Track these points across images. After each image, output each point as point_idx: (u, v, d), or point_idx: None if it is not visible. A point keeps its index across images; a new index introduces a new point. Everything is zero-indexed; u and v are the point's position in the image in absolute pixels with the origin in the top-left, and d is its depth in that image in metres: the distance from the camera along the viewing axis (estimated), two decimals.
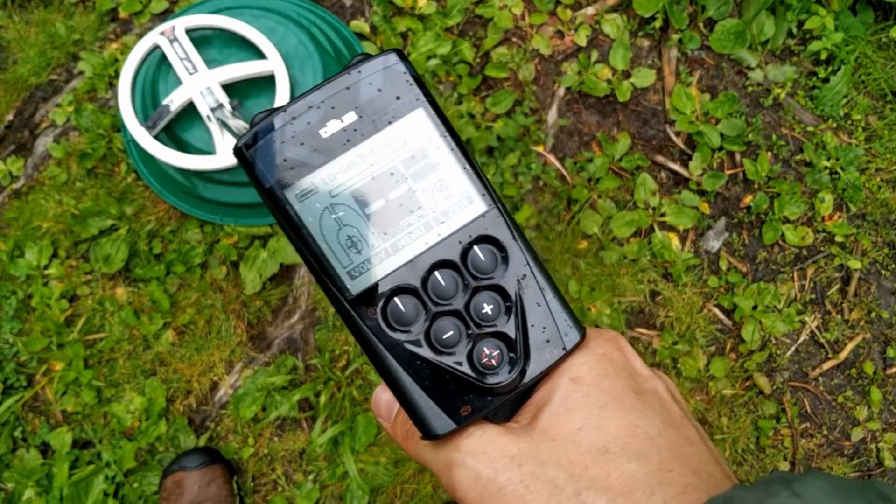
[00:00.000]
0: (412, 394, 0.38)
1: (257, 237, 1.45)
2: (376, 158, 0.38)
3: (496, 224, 0.39)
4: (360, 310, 0.38)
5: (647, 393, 0.38)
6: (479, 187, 0.39)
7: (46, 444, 1.39)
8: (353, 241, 0.38)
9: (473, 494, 0.35)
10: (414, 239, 0.38)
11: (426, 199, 0.38)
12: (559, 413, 0.36)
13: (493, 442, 0.36)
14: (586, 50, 1.57)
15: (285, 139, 0.37)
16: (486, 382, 0.38)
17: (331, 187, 0.38)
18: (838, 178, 1.52)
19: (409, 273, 0.38)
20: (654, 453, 0.34)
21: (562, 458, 0.35)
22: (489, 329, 0.38)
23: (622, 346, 0.40)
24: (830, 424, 1.46)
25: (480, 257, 0.38)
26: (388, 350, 0.38)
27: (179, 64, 1.32)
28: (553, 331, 0.39)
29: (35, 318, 1.43)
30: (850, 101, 1.56)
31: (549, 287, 0.39)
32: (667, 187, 1.53)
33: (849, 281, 1.51)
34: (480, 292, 0.38)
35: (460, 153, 0.39)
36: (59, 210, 1.46)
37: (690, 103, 1.53)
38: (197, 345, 1.43)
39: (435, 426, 0.37)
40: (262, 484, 1.40)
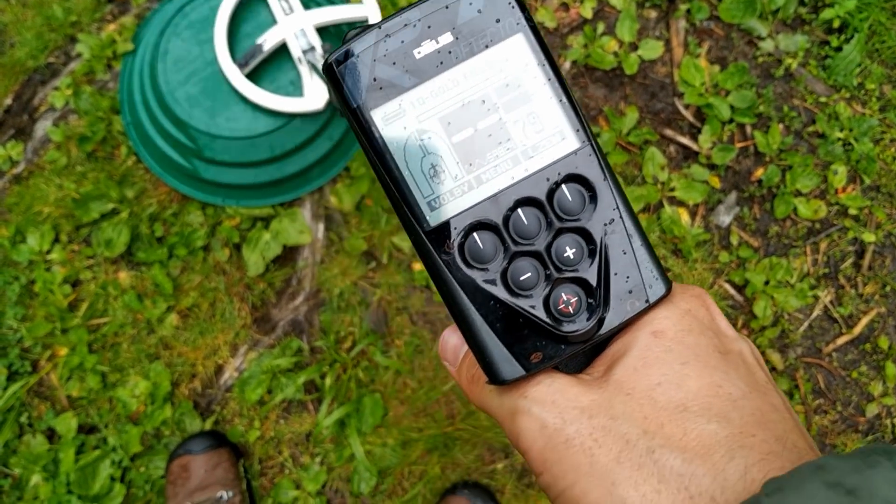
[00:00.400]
0: (482, 335, 0.36)
1: (259, 219, 1.43)
2: (469, 84, 0.36)
3: (588, 163, 0.37)
4: (437, 243, 0.36)
5: (733, 354, 0.36)
6: (574, 122, 0.37)
7: (52, 430, 1.39)
8: (437, 170, 0.36)
9: (538, 445, 0.33)
10: (500, 173, 0.36)
11: (516, 131, 0.36)
12: (637, 367, 0.34)
13: (564, 391, 0.34)
14: (592, 22, 1.53)
15: (377, 57, 0.35)
16: (561, 329, 0.36)
17: (419, 111, 0.36)
18: (852, 149, 1.49)
19: (492, 208, 0.36)
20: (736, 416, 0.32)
21: (636, 413, 0.32)
22: (569, 274, 0.36)
23: (708, 303, 0.38)
24: (844, 400, 1.44)
25: (568, 197, 0.36)
26: (462, 287, 0.36)
27: (276, 4, 1.31)
28: (637, 281, 0.37)
29: (38, 303, 1.41)
30: (864, 71, 1.52)
31: (638, 234, 0.37)
32: (676, 161, 1.50)
33: (863, 254, 1.47)
34: (564, 234, 0.36)
35: (558, 84, 0.36)
36: (59, 194, 1.45)
37: (699, 75, 1.49)
38: (201, 328, 1.41)
39: (503, 371, 0.35)
40: (269, 467, 1.39)
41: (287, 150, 1.37)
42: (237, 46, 1.36)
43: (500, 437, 1.39)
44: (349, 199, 1.43)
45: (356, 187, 1.44)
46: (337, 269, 1.43)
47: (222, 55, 1.31)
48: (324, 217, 1.45)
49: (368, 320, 1.42)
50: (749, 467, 0.30)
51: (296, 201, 1.45)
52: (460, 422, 1.39)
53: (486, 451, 1.39)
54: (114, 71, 1.51)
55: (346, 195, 1.43)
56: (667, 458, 0.31)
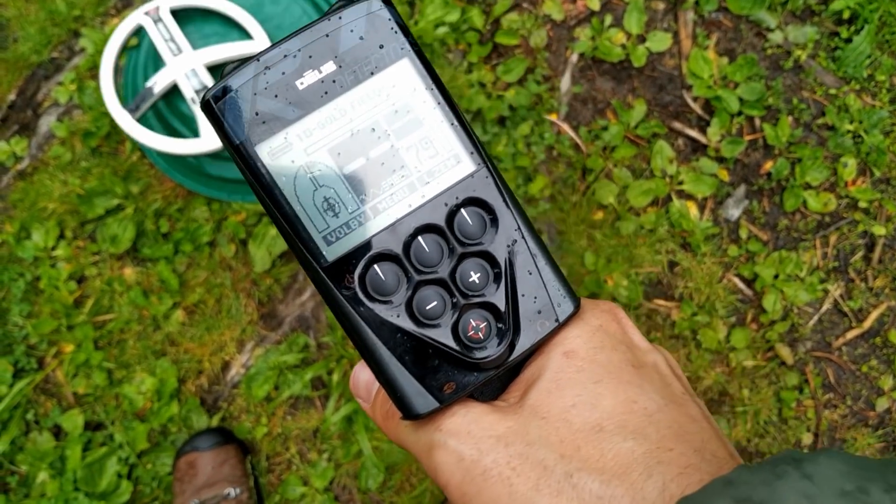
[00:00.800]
0: (391, 370, 0.35)
1: (265, 214, 1.42)
2: (356, 113, 0.35)
3: (485, 185, 0.36)
4: (337, 278, 0.35)
5: (647, 367, 0.35)
6: (468, 145, 0.36)
7: (59, 427, 1.38)
8: (330, 203, 0.35)
9: (455, 479, 0.33)
10: (396, 201, 0.35)
11: (410, 158, 0.35)
12: (550, 389, 0.34)
13: (479, 421, 0.34)
14: (600, 14, 1.52)
15: (258, 91, 0.34)
16: (473, 357, 0.35)
17: (306, 144, 0.34)
18: (861, 141, 1.47)
19: (391, 238, 0.35)
20: (652, 431, 0.32)
21: (552, 437, 0.32)
22: (476, 299, 0.36)
23: (619, 317, 0.37)
24: (854, 395, 1.43)
25: (468, 221, 0.36)
26: (367, 322, 0.35)
27: (163, 45, 1.29)
28: (545, 301, 0.36)
29: (44, 300, 1.41)
30: (874, 62, 1.51)
31: (542, 253, 0.36)
32: (684, 154, 1.48)
33: (873, 247, 1.46)
34: (467, 259, 0.36)
35: (448, 107, 0.36)
36: (64, 190, 1.44)
37: (708, 67, 1.48)
38: (207, 324, 1.41)
39: (416, 405, 0.35)
40: (277, 463, 1.38)
41: None
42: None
43: None
44: None
45: None
46: None
47: (110, 101, 1.29)
48: None
49: None
50: (667, 483, 0.29)
51: None
52: None
53: None
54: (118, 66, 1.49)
55: None
56: (585, 481, 0.30)
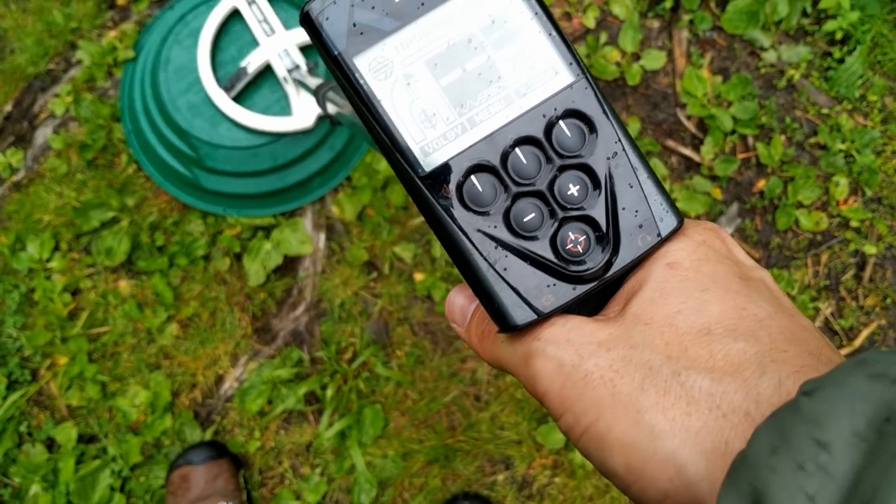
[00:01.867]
0: (489, 281, 0.34)
1: (260, 228, 1.42)
2: (453, 24, 0.34)
3: (584, 96, 0.35)
4: (434, 189, 0.34)
5: (754, 280, 0.34)
6: (566, 56, 0.35)
7: (52, 439, 1.38)
8: (427, 114, 0.34)
9: (555, 386, 0.32)
10: (493, 113, 0.35)
11: (507, 69, 0.35)
12: (654, 298, 0.33)
13: (579, 329, 0.33)
14: (595, 32, 1.53)
15: (355, 2, 0.34)
16: (572, 270, 0.34)
17: (404, 56, 0.34)
18: (853, 161, 1.49)
19: (488, 149, 0.35)
20: (764, 334, 0.30)
21: (657, 340, 0.31)
22: (575, 212, 0.35)
23: (723, 235, 0.36)
24: None
25: (567, 133, 0.35)
26: (465, 233, 0.34)
27: (257, 26, 1.33)
28: (647, 215, 0.35)
29: (38, 312, 1.41)
30: (866, 83, 1.52)
31: (643, 167, 0.35)
32: (678, 172, 1.49)
33: (864, 266, 1.48)
34: (566, 172, 0.35)
35: (545, 17, 0.35)
36: (59, 202, 1.44)
37: (702, 86, 1.49)
38: (201, 338, 1.41)
39: (514, 316, 0.34)
40: (270, 477, 1.38)
41: (289, 160, 1.36)
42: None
43: (501, 448, 1.39)
44: (351, 209, 1.43)
45: (358, 197, 1.43)
46: (338, 279, 1.43)
47: (207, 80, 1.31)
48: (325, 227, 1.45)
49: (370, 331, 1.42)
50: (783, 380, 0.28)
51: (297, 211, 1.44)
52: (461, 433, 1.39)
53: (487, 462, 1.39)
54: (114, 78, 1.50)
55: (348, 205, 1.43)
56: (694, 379, 0.29)
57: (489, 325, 0.37)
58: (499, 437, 1.39)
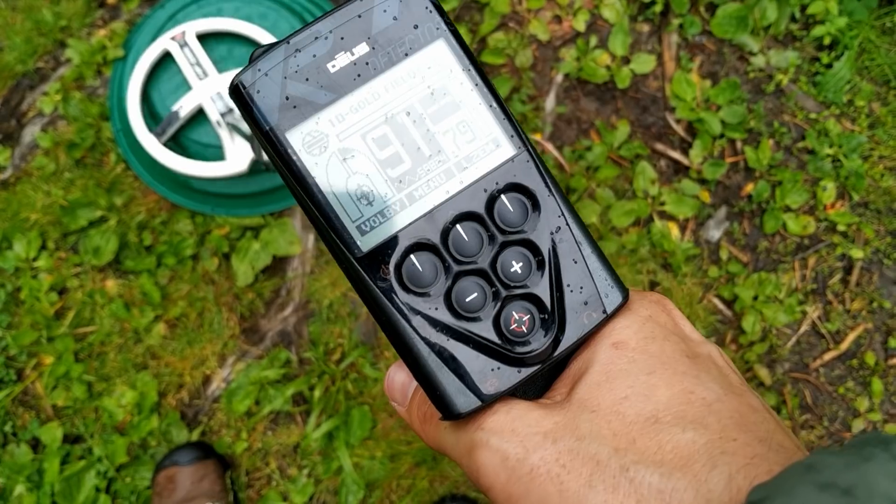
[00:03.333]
0: (430, 367, 0.33)
1: (249, 228, 1.42)
2: (391, 96, 0.34)
3: (526, 170, 0.34)
4: (372, 270, 0.33)
5: (701, 358, 0.33)
6: (507, 128, 0.34)
7: (37, 439, 1.37)
8: (364, 190, 0.33)
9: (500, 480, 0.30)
10: (433, 188, 0.34)
11: (447, 142, 0.34)
12: (600, 382, 0.32)
13: (523, 418, 0.31)
14: (585, 35, 1.54)
15: (288, 74, 0.33)
16: (516, 352, 0.33)
17: (339, 129, 0.33)
18: (841, 165, 1.50)
19: (428, 227, 0.34)
20: (713, 421, 0.29)
21: (604, 430, 0.30)
22: (519, 290, 0.34)
23: (669, 308, 0.35)
24: (831, 416, 1.45)
25: (509, 208, 0.34)
26: (403, 316, 0.33)
27: (189, 69, 1.31)
28: (592, 291, 0.34)
29: (24, 311, 1.40)
30: (854, 88, 1.53)
31: (587, 241, 0.35)
32: (666, 176, 1.50)
33: (851, 270, 1.48)
34: (509, 248, 0.34)
35: (486, 89, 0.34)
36: (47, 201, 1.43)
37: (691, 90, 1.50)
38: (189, 338, 1.40)
39: (456, 404, 0.33)
40: (256, 478, 1.38)
41: None
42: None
43: None
44: None
45: None
46: (326, 279, 1.43)
47: (138, 127, 1.30)
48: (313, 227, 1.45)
49: (358, 332, 1.41)
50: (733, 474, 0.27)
51: (286, 211, 1.44)
52: None
53: None
54: (104, 77, 1.49)
55: None
56: (643, 474, 0.28)
57: (431, 408, 0.35)
58: None
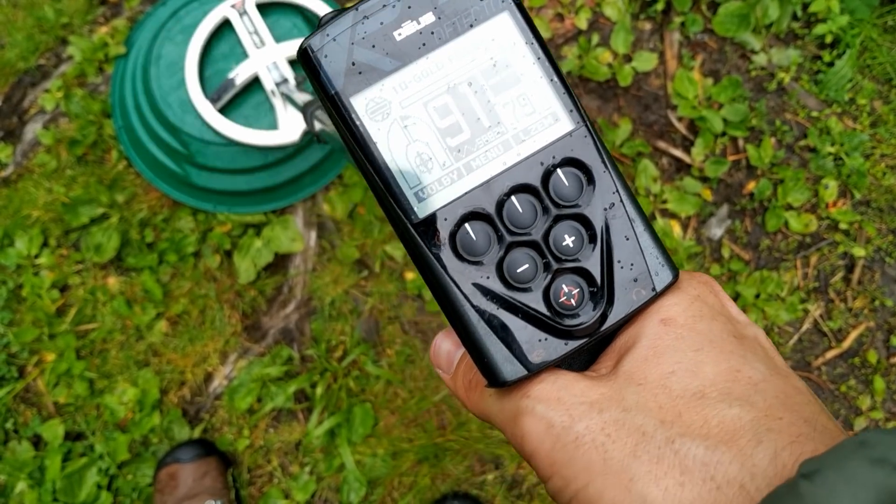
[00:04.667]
0: (479, 334, 0.33)
1: (251, 225, 1.42)
2: (454, 66, 0.34)
3: (584, 145, 0.35)
4: (426, 236, 0.34)
5: (748, 338, 0.33)
6: (567, 102, 0.35)
7: (38, 436, 1.37)
8: (423, 158, 0.34)
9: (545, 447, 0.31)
10: (491, 158, 0.34)
11: (506, 115, 0.34)
12: (647, 357, 0.32)
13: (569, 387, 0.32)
14: (587, 33, 1.54)
15: (355, 41, 0.33)
16: (564, 324, 0.34)
17: (402, 97, 0.34)
18: (843, 164, 1.50)
19: (484, 196, 0.34)
20: (759, 399, 0.30)
21: (650, 403, 0.30)
22: (570, 264, 0.34)
23: (717, 289, 0.36)
24: (833, 414, 1.45)
25: (564, 182, 0.34)
26: (455, 283, 0.34)
27: (247, 37, 1.32)
28: (642, 269, 0.34)
29: (26, 308, 1.40)
30: (856, 86, 1.54)
31: (640, 219, 0.35)
32: (668, 174, 1.50)
33: (853, 269, 1.48)
34: (562, 222, 0.34)
35: (548, 63, 0.35)
36: (48, 198, 1.43)
37: (693, 88, 1.50)
38: (190, 335, 1.40)
39: (503, 371, 0.33)
40: (258, 476, 1.38)
41: (280, 158, 1.36)
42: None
43: (491, 447, 1.38)
44: (342, 207, 1.43)
45: (349, 195, 1.43)
46: (329, 277, 1.42)
47: (194, 91, 1.30)
48: (316, 225, 1.45)
49: (360, 329, 1.41)
50: (779, 451, 0.27)
51: (288, 209, 1.44)
52: (451, 432, 1.38)
53: (477, 461, 1.39)
54: (105, 74, 1.49)
55: (339, 203, 1.43)
56: (688, 447, 0.28)
57: (477, 376, 0.35)
58: (489, 437, 1.38)
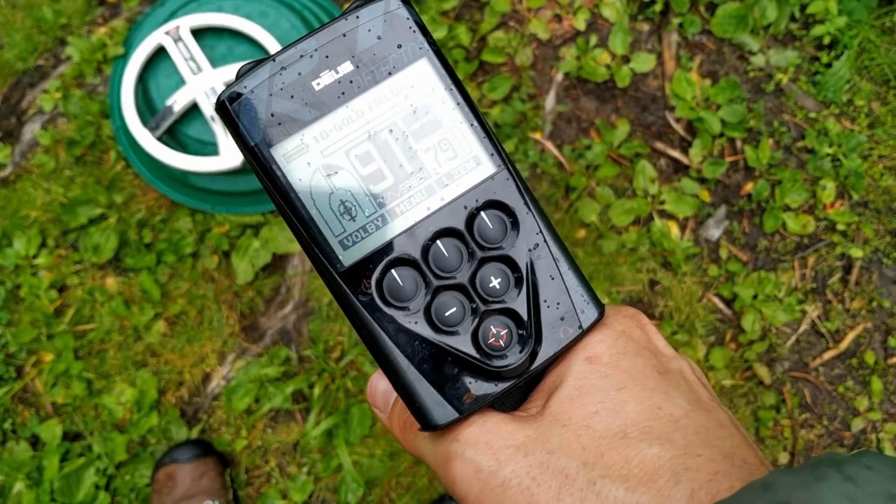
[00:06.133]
0: (409, 378, 0.34)
1: (249, 226, 1.42)
2: (374, 114, 0.34)
3: (506, 187, 0.35)
4: (353, 283, 0.34)
5: (672, 373, 0.34)
6: (488, 146, 0.35)
7: (36, 437, 1.37)
8: (347, 206, 0.34)
9: (473, 491, 0.31)
10: (414, 204, 0.35)
11: (429, 160, 0.35)
12: (572, 396, 0.33)
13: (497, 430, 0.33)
14: (585, 34, 1.54)
15: (273, 91, 0.34)
16: (493, 365, 0.34)
17: (323, 146, 0.34)
18: (840, 165, 1.50)
19: (409, 242, 0.34)
20: (679, 436, 0.30)
21: (574, 444, 0.31)
22: (497, 305, 0.35)
23: (643, 322, 0.36)
24: (830, 415, 1.45)
25: (488, 224, 0.35)
26: (384, 329, 0.34)
27: (184, 64, 1.31)
28: (568, 307, 0.35)
29: (24, 308, 1.40)
30: (853, 87, 1.54)
31: (564, 258, 0.35)
32: (666, 175, 1.50)
33: (850, 270, 1.49)
34: (487, 264, 0.35)
35: (467, 108, 0.35)
36: (47, 198, 1.43)
37: (691, 89, 1.50)
38: (188, 335, 1.40)
39: (434, 415, 0.34)
40: (256, 476, 1.38)
41: None
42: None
43: None
44: None
45: None
46: None
47: (132, 122, 1.30)
48: None
49: None
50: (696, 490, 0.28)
51: None
52: None
53: None
54: (104, 75, 1.49)
55: None
56: (609, 489, 0.29)
57: (411, 417, 0.36)
58: None
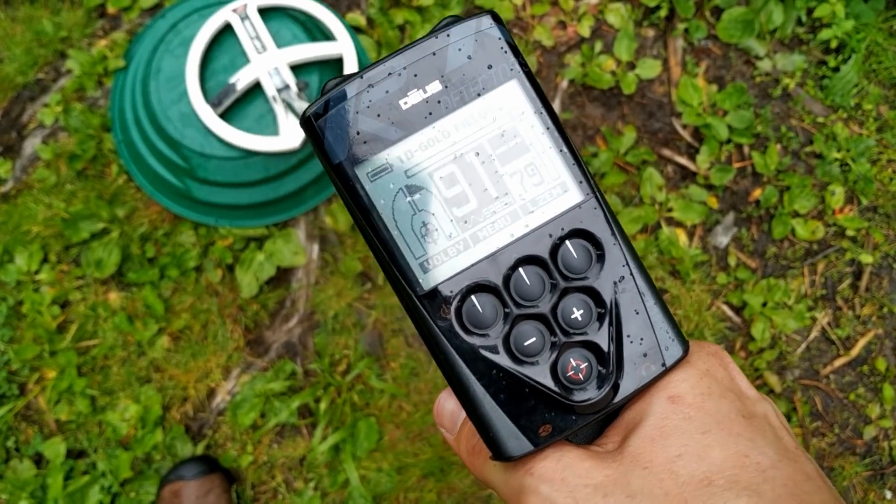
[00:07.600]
0: (485, 408, 0.33)
1: (253, 239, 1.41)
2: (461, 135, 0.34)
3: (593, 216, 0.34)
4: (432, 308, 0.33)
5: (757, 417, 0.33)
6: (577, 173, 0.34)
7: (40, 455, 1.36)
8: (429, 228, 0.33)
9: None
10: (498, 230, 0.34)
11: (514, 185, 0.34)
12: (654, 437, 0.31)
13: (574, 467, 0.31)
14: (590, 41, 1.52)
15: (360, 109, 0.33)
16: (571, 399, 0.33)
17: (407, 166, 0.33)
18: (849, 170, 1.48)
19: (490, 268, 0.34)
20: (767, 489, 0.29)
21: (656, 489, 0.30)
22: (578, 337, 0.34)
23: (726, 362, 0.35)
24: (842, 423, 1.43)
25: (573, 254, 0.34)
26: (461, 355, 0.33)
27: (249, 42, 1.32)
28: (652, 343, 0.34)
29: (26, 324, 1.39)
30: (861, 91, 1.52)
31: (650, 292, 0.34)
32: (674, 182, 1.49)
33: (860, 276, 1.47)
34: (570, 294, 0.34)
35: (557, 133, 0.34)
36: (48, 213, 1.42)
37: (697, 95, 1.48)
38: (193, 350, 1.39)
39: (509, 447, 0.33)
40: (262, 492, 1.36)
41: (281, 171, 1.35)
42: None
43: None
44: (344, 220, 1.42)
45: None
46: (332, 290, 1.41)
47: (195, 95, 1.29)
48: (318, 238, 1.43)
49: (364, 343, 1.40)
50: None
51: (290, 222, 1.43)
52: None
53: None
54: (105, 88, 1.48)
55: (342, 215, 1.42)
56: None
57: (480, 442, 0.35)
58: None
